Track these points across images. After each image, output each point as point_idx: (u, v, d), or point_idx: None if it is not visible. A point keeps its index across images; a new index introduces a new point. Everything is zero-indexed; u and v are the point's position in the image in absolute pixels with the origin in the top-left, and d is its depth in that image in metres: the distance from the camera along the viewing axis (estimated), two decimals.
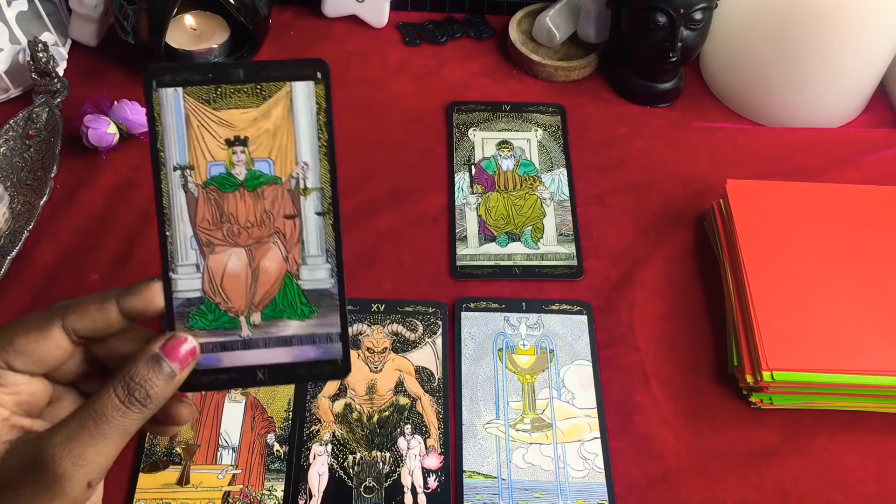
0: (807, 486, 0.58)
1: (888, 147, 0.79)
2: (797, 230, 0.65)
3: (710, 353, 0.65)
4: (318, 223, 0.43)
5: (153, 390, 0.38)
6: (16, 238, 0.67)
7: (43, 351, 0.39)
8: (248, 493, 0.57)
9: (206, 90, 0.41)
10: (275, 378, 0.43)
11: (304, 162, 0.43)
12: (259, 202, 0.43)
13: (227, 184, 0.42)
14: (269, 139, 0.42)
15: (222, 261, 0.43)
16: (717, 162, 0.78)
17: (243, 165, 0.42)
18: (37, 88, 0.78)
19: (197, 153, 0.42)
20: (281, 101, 0.42)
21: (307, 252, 0.43)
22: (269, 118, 0.42)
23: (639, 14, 0.76)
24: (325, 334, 0.43)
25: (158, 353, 0.39)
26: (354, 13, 0.89)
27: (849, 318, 0.60)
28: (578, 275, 0.69)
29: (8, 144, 0.75)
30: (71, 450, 0.36)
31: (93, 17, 0.83)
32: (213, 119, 0.42)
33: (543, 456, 0.59)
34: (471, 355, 0.63)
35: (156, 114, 0.41)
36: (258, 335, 0.43)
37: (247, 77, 0.41)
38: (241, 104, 0.42)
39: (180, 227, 0.42)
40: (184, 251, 0.42)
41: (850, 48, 0.74)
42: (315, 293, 0.43)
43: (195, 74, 0.41)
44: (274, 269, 0.43)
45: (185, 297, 0.42)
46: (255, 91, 0.42)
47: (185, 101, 0.41)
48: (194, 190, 0.42)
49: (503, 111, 0.81)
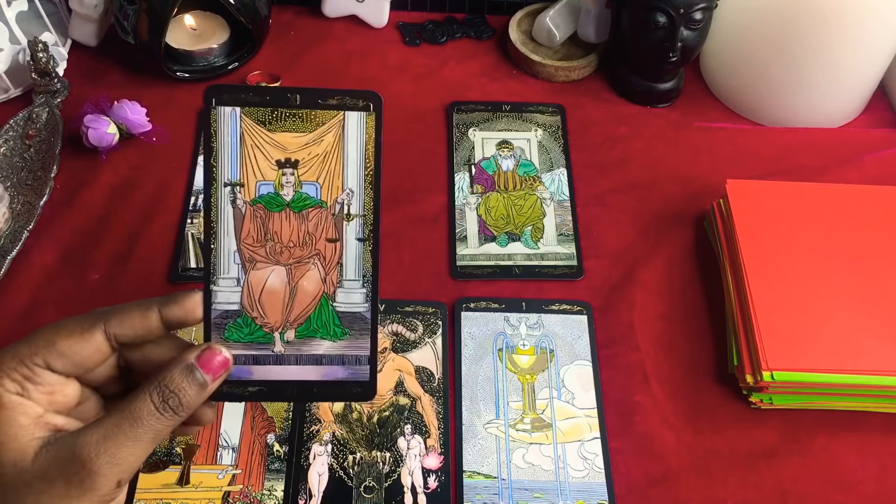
0: (807, 486, 0.58)
1: (888, 147, 0.79)
2: (797, 230, 0.65)
3: (710, 353, 0.65)
4: (357, 249, 0.44)
5: (185, 399, 0.40)
6: (16, 238, 0.67)
7: (84, 354, 0.40)
8: (248, 493, 0.57)
9: (263, 112, 0.43)
10: (302, 394, 0.44)
11: (350, 189, 0.44)
12: (303, 223, 0.44)
13: (274, 203, 0.44)
14: (319, 164, 0.44)
15: (262, 277, 0.44)
16: (717, 162, 0.78)
17: (291, 187, 0.44)
18: (37, 88, 0.78)
19: (248, 171, 0.43)
20: (333, 129, 0.44)
21: (345, 276, 0.44)
22: (320, 144, 0.44)
23: (639, 14, 0.76)
24: (355, 356, 0.44)
25: (193, 364, 0.40)
26: (354, 13, 0.89)
27: (849, 318, 0.60)
28: (578, 275, 0.69)
29: (8, 144, 0.75)
30: (107, 449, 0.38)
31: (93, 17, 0.83)
32: (266, 140, 0.43)
33: (543, 456, 0.59)
34: (471, 355, 0.63)
35: (213, 130, 0.43)
36: (290, 352, 0.44)
37: (303, 103, 0.43)
38: (295, 128, 0.43)
39: (225, 242, 0.43)
40: (226, 265, 0.43)
41: (850, 48, 0.74)
42: (349, 316, 0.44)
43: (254, 96, 0.43)
44: (312, 290, 0.44)
45: (223, 308, 0.43)
46: (310, 117, 0.43)
47: (243, 120, 0.43)
48: (242, 206, 0.43)
49: (503, 111, 0.81)
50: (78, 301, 0.66)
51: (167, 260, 0.69)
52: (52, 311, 0.65)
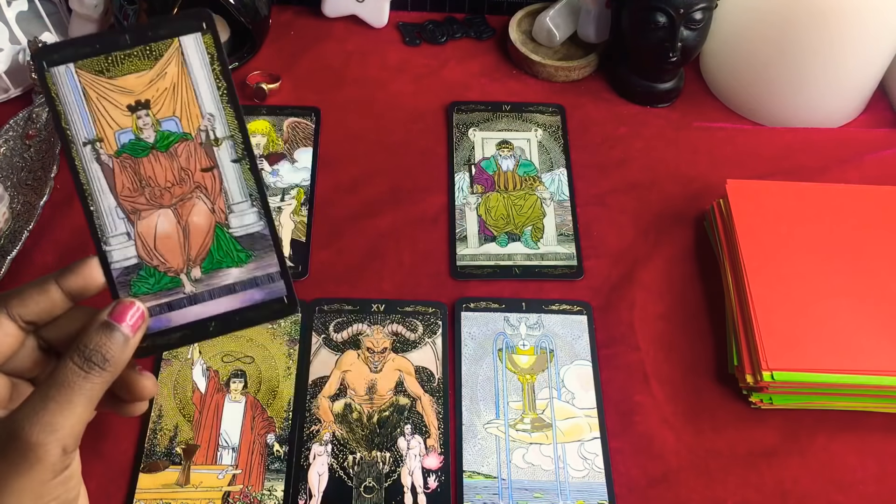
0: (807, 486, 0.58)
1: (888, 147, 0.79)
2: (797, 230, 0.65)
3: (710, 353, 0.65)
4: (236, 170, 0.44)
5: (109, 353, 0.39)
6: (16, 238, 0.67)
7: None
8: (248, 493, 0.57)
9: (98, 61, 0.41)
10: (226, 326, 0.44)
11: (210, 113, 0.43)
12: (174, 161, 0.43)
13: (138, 149, 0.43)
14: (170, 97, 0.43)
15: (151, 224, 0.43)
16: (717, 162, 0.78)
17: (150, 128, 0.43)
18: (37, 88, 0.78)
19: (103, 125, 0.42)
20: (173, 58, 0.42)
21: (231, 200, 0.44)
22: (165, 77, 0.42)
23: (639, 14, 0.76)
24: (266, 275, 0.44)
25: (108, 320, 0.40)
26: (354, 13, 0.89)
27: (849, 318, 0.60)
28: (578, 275, 0.69)
29: (8, 144, 0.75)
30: (39, 419, 0.37)
31: (93, 17, 0.83)
32: (110, 88, 0.42)
33: (543, 456, 0.59)
34: (471, 355, 0.63)
35: (53, 94, 0.41)
36: (202, 289, 0.44)
37: (133, 41, 0.42)
38: (135, 68, 0.42)
39: (103, 200, 0.43)
40: (111, 222, 0.43)
41: (850, 48, 0.74)
42: (247, 238, 0.44)
43: (83, 48, 0.41)
44: (203, 223, 0.44)
45: (122, 266, 0.43)
46: (146, 53, 0.42)
47: (79, 75, 0.42)
48: (108, 161, 0.42)
49: (503, 111, 0.81)
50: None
51: None
52: None
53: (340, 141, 0.79)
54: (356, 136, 0.79)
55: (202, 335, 0.44)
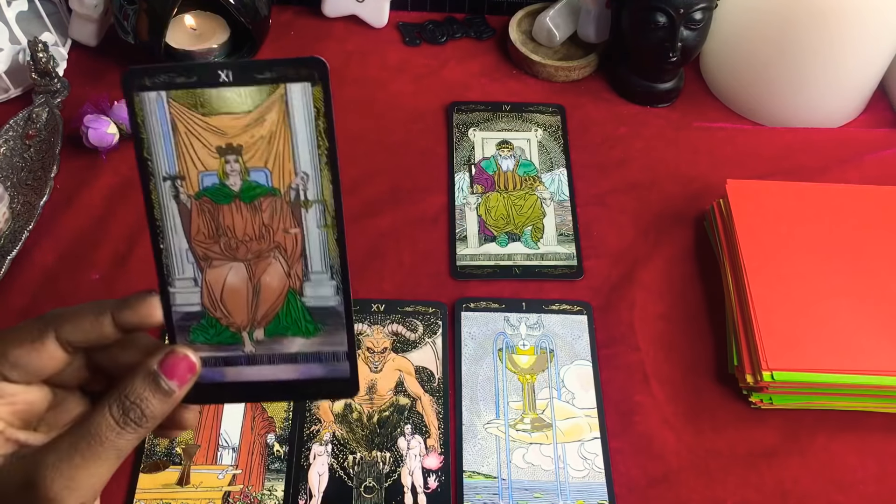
0: (807, 486, 0.58)
1: (888, 147, 0.79)
2: (797, 230, 0.65)
3: (710, 353, 0.65)
4: (321, 237, 0.40)
5: (149, 409, 0.37)
6: (16, 238, 0.67)
7: (36, 363, 0.38)
8: (248, 493, 0.57)
9: (193, 94, 0.38)
10: (278, 394, 0.41)
11: (304, 172, 0.40)
12: (257, 215, 0.40)
13: (221, 195, 0.40)
14: (265, 147, 0.39)
15: (221, 275, 0.41)
16: (717, 162, 0.78)
17: (238, 176, 0.39)
18: (37, 88, 0.78)
19: (187, 162, 0.39)
20: (275, 105, 0.38)
21: (310, 268, 0.41)
22: (263, 124, 0.39)
23: (639, 14, 0.76)
24: (332, 352, 0.41)
25: (156, 371, 0.38)
26: (354, 13, 0.89)
27: (849, 318, 0.60)
28: (578, 275, 0.69)
29: (8, 144, 0.74)
30: (62, 472, 0.35)
31: (93, 17, 0.83)
32: (202, 125, 0.39)
33: (543, 456, 0.59)
34: (471, 355, 0.63)
35: (139, 120, 0.38)
36: (262, 351, 0.41)
37: (236, 79, 0.38)
38: (232, 109, 0.38)
39: (175, 240, 0.40)
40: (180, 264, 0.40)
41: (850, 48, 0.74)
42: (320, 310, 0.41)
43: (178, 77, 0.38)
44: (276, 285, 0.41)
45: (184, 311, 0.40)
46: (247, 94, 0.38)
47: (171, 105, 0.38)
48: (187, 201, 0.39)
49: (503, 111, 0.81)
50: (78, 301, 0.65)
51: None
52: None
53: (340, 141, 0.78)
54: (356, 136, 0.79)
55: (252, 397, 0.42)
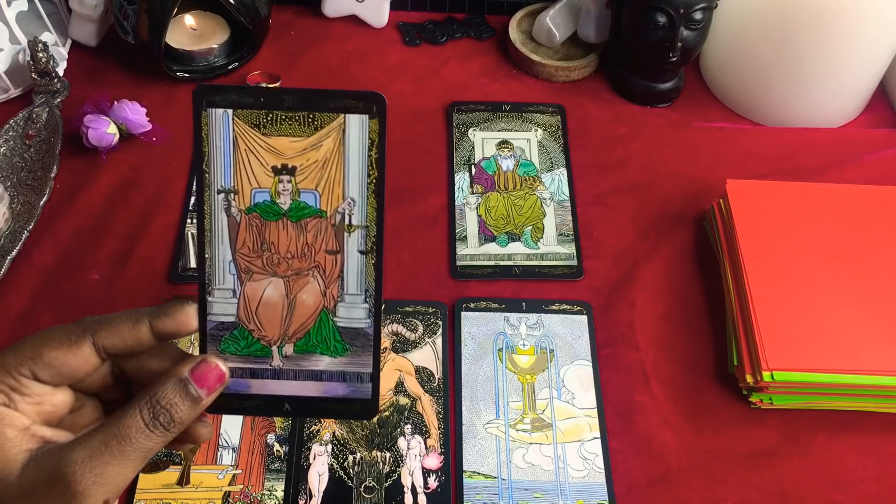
0: (807, 486, 0.58)
1: (888, 147, 0.79)
2: (797, 230, 0.65)
3: (710, 353, 0.65)
4: (359, 261, 0.42)
5: (178, 415, 0.38)
6: (16, 238, 0.67)
7: (72, 365, 0.39)
8: (248, 493, 0.57)
9: (257, 114, 0.40)
10: (301, 410, 0.43)
11: (352, 198, 0.41)
12: (302, 234, 0.42)
13: (270, 212, 0.42)
14: (318, 171, 0.41)
15: (259, 289, 0.42)
16: (717, 162, 0.78)
17: (288, 195, 0.42)
18: (37, 88, 0.78)
19: (242, 178, 0.41)
20: (333, 133, 0.41)
21: (346, 290, 0.42)
22: (319, 149, 0.41)
23: (639, 14, 0.76)
24: (357, 373, 0.42)
25: (187, 378, 0.39)
26: (354, 13, 0.89)
27: (849, 318, 0.60)
28: (578, 275, 0.69)
29: (8, 144, 0.75)
30: (92, 468, 0.37)
31: (93, 17, 0.83)
32: (261, 145, 0.41)
33: (543, 456, 0.59)
34: (471, 355, 0.63)
35: (203, 134, 0.41)
36: (289, 366, 0.43)
37: (300, 105, 0.40)
38: (292, 132, 0.41)
39: (220, 251, 0.42)
40: (221, 275, 0.42)
41: (850, 48, 0.74)
42: (350, 331, 0.42)
43: (247, 97, 0.40)
44: (311, 303, 0.43)
45: (219, 320, 0.42)
46: (308, 120, 0.40)
47: (235, 123, 0.41)
48: (237, 215, 0.41)
49: (503, 111, 0.81)
50: (78, 301, 0.66)
51: (167, 260, 0.69)
52: (52, 312, 0.65)
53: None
54: None
55: (274, 411, 0.43)
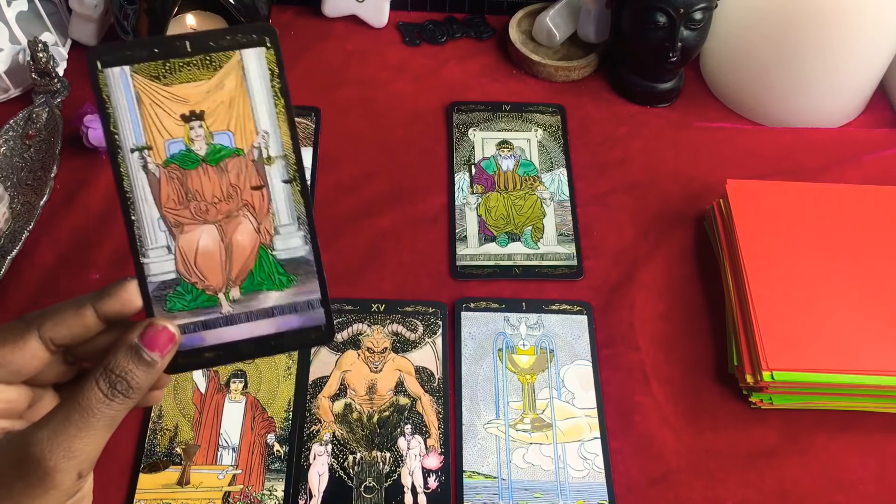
0: (807, 486, 0.58)
1: (888, 147, 0.79)
2: (797, 230, 0.65)
3: (710, 353, 0.65)
4: (286, 191, 0.42)
5: (135, 381, 0.38)
6: (16, 238, 0.67)
7: (19, 362, 0.39)
8: (248, 493, 0.57)
9: (154, 66, 0.40)
10: (260, 350, 0.42)
11: (265, 131, 0.42)
12: (224, 176, 0.42)
13: (188, 160, 0.41)
14: (226, 111, 0.41)
15: (193, 239, 0.42)
16: (717, 162, 0.78)
17: (202, 140, 0.41)
18: (37, 88, 0.78)
19: (153, 132, 0.41)
20: (233, 71, 0.41)
21: (279, 221, 0.42)
22: (223, 89, 0.41)
23: (639, 14, 0.76)
24: (306, 301, 0.42)
25: (137, 344, 0.39)
26: (354, 13, 0.89)
27: (849, 318, 0.60)
28: (578, 275, 0.69)
29: (8, 144, 0.75)
30: (59, 444, 0.37)
31: (93, 17, 0.83)
32: (165, 95, 0.41)
33: (543, 456, 0.59)
34: (471, 355, 0.63)
35: (104, 96, 0.40)
36: (239, 310, 0.42)
37: (194, 49, 0.40)
38: (193, 77, 0.40)
39: (146, 210, 0.41)
40: (152, 234, 0.41)
41: (850, 48, 0.74)
42: (291, 262, 0.42)
43: (140, 51, 0.40)
44: (247, 243, 0.42)
45: (159, 280, 0.41)
46: (206, 63, 0.40)
47: (134, 79, 0.40)
48: (155, 170, 0.41)
49: (503, 111, 0.81)
50: None
51: None
52: None
53: (340, 141, 0.79)
54: (356, 136, 0.79)
55: (234, 357, 0.42)
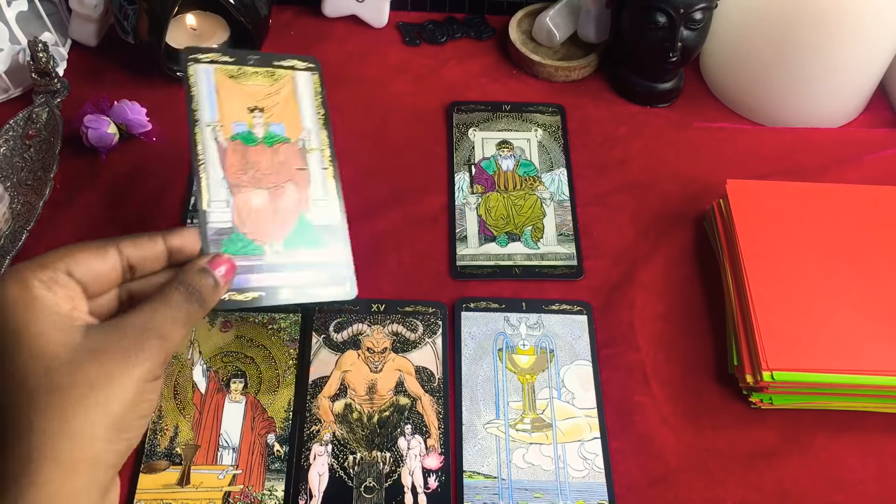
0: (807, 486, 0.58)
1: (888, 147, 0.79)
2: (797, 230, 0.65)
3: (710, 353, 0.65)
4: (321, 175, 0.56)
5: (205, 294, 0.46)
6: (16, 238, 0.67)
7: (99, 268, 0.44)
8: (248, 493, 0.57)
9: (232, 68, 0.56)
10: (294, 296, 0.52)
11: (308, 129, 0.57)
12: (276, 155, 0.55)
13: (249, 139, 0.55)
14: (281, 110, 0.56)
15: (248, 199, 0.53)
16: (717, 162, 0.78)
17: (261, 127, 0.55)
18: (37, 88, 0.78)
19: (225, 114, 0.54)
20: (288, 84, 0.58)
21: (315, 196, 0.55)
22: (279, 94, 0.57)
23: (639, 14, 0.76)
24: (334, 261, 0.54)
25: (206, 267, 0.47)
26: (354, 13, 0.89)
27: (849, 318, 0.60)
28: (578, 275, 0.69)
29: (8, 144, 0.75)
30: (155, 324, 0.43)
31: (93, 17, 0.83)
32: (237, 91, 0.56)
33: (543, 456, 0.59)
34: (471, 355, 0.63)
35: (191, 81, 0.54)
36: (280, 260, 0.52)
37: (259, 63, 0.57)
38: (259, 83, 0.57)
39: (212, 171, 0.53)
40: (216, 189, 0.52)
41: (850, 48, 0.74)
42: (324, 228, 0.55)
43: (223, 56, 0.56)
44: (291, 207, 0.54)
45: (218, 226, 0.51)
46: (269, 74, 0.57)
47: (216, 74, 0.55)
48: (223, 143, 0.54)
49: (503, 111, 0.81)
50: None
51: None
52: None
53: (340, 141, 0.78)
54: (356, 136, 0.79)
55: (272, 299, 0.51)
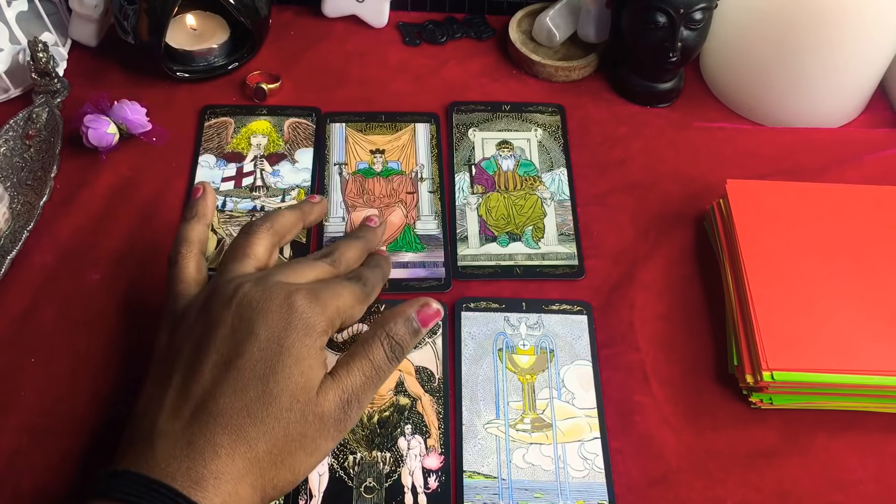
0: (807, 486, 0.58)
1: (888, 147, 0.79)
2: (797, 230, 0.65)
3: (710, 353, 0.65)
4: (429, 197, 0.71)
5: (407, 347, 0.49)
6: (16, 238, 0.67)
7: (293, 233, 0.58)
8: None
9: (360, 125, 0.76)
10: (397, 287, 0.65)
11: (421, 163, 0.74)
12: (389, 184, 0.71)
13: (368, 173, 0.72)
14: (399, 151, 0.74)
15: (361, 215, 0.69)
16: (717, 162, 0.78)
17: (380, 165, 0.73)
18: (37, 88, 0.78)
19: (350, 156, 0.74)
20: (408, 132, 0.76)
21: (421, 213, 0.70)
22: (399, 140, 0.75)
23: (639, 14, 0.76)
24: (433, 262, 0.67)
25: (413, 317, 0.50)
26: (354, 13, 0.89)
27: (849, 318, 0.60)
28: (579, 274, 0.69)
29: (8, 144, 0.74)
30: (359, 395, 0.47)
31: (93, 17, 0.83)
32: (363, 139, 0.75)
33: (543, 456, 0.59)
34: (471, 355, 0.63)
35: (327, 135, 0.75)
36: None
37: (387, 120, 0.76)
38: (382, 132, 0.76)
39: (333, 196, 0.71)
40: (334, 209, 0.70)
41: (850, 48, 0.74)
42: (426, 237, 0.69)
43: (354, 117, 0.77)
44: (396, 221, 0.70)
45: (331, 236, 0.68)
46: (391, 127, 0.76)
47: (347, 129, 0.75)
48: (346, 176, 0.72)
49: (503, 111, 0.81)
50: (78, 301, 0.66)
51: None
52: (52, 311, 0.65)
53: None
54: None
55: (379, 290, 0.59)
